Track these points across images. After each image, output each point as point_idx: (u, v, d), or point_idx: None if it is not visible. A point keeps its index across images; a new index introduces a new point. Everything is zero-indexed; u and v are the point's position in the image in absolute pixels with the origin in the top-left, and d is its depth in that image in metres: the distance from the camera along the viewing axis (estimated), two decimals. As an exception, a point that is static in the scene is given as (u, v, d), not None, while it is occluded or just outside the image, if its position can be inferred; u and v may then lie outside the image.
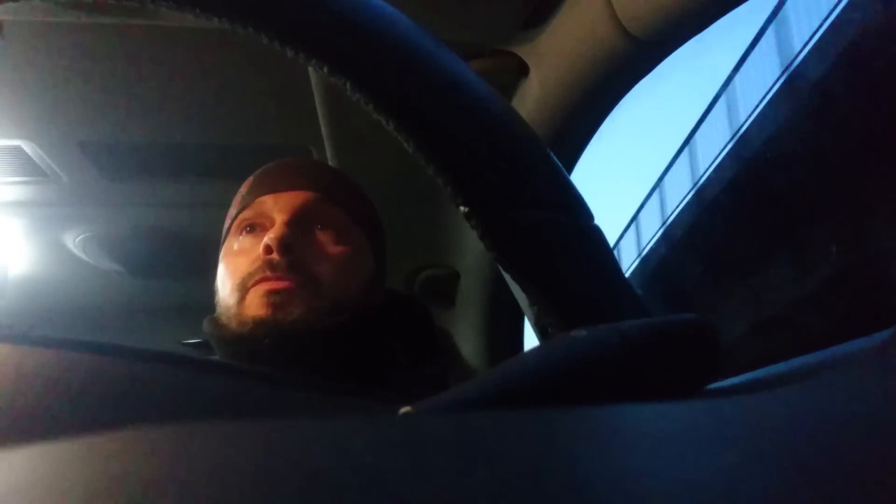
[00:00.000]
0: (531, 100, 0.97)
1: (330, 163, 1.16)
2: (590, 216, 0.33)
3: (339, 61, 0.29)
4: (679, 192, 7.51)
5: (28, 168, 1.19)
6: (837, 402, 0.19)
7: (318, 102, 1.03)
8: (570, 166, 1.06)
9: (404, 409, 0.21)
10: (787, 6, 5.79)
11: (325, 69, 0.29)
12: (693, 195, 6.94)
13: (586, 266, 0.31)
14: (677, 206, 7.39)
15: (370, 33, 0.30)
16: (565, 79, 0.91)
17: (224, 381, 0.25)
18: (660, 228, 7.98)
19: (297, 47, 0.29)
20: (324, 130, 1.10)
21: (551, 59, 0.92)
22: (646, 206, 8.76)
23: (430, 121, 0.30)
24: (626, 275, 0.37)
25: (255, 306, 0.67)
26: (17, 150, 1.14)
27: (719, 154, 6.37)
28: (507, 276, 0.30)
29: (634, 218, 9.07)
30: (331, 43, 0.29)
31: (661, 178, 8.40)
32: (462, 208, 0.29)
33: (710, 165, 6.55)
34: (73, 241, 1.41)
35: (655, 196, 8.48)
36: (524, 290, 0.29)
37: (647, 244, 8.26)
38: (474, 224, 0.29)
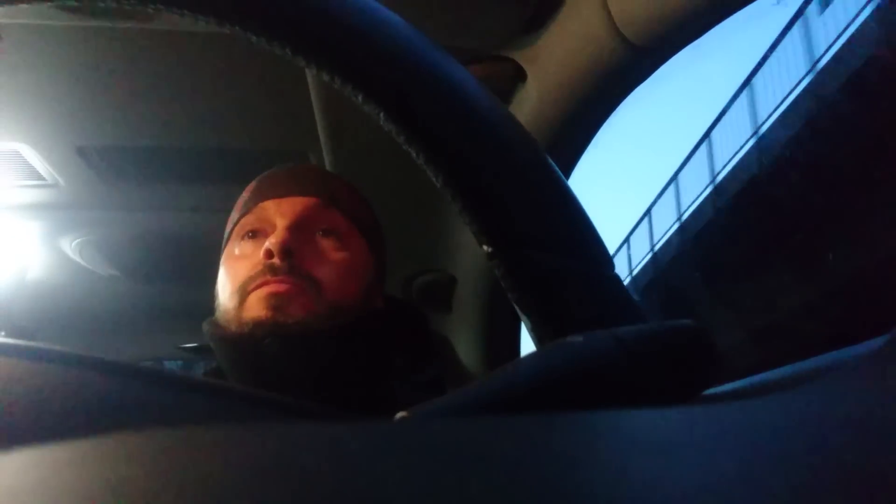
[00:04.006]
0: (528, 105, 0.97)
1: (327, 168, 1.16)
2: (611, 265, 0.33)
3: (358, 79, 0.29)
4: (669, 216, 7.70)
5: (26, 172, 1.19)
6: (833, 407, 0.19)
7: (316, 108, 1.03)
8: (567, 173, 1.06)
9: (400, 414, 0.21)
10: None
11: (342, 84, 0.29)
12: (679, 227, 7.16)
13: (605, 315, 0.31)
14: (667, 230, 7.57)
15: (399, 59, 0.30)
16: (563, 84, 0.91)
17: (197, 400, 0.25)
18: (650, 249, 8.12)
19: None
20: (321, 136, 1.10)
21: (549, 64, 0.92)
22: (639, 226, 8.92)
23: (461, 159, 0.30)
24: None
25: (256, 309, 0.67)
26: (15, 155, 1.14)
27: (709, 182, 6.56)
28: (523, 319, 0.30)
29: (626, 240, 9.21)
30: (353, 59, 0.29)
31: (651, 205, 8.57)
32: (485, 247, 0.29)
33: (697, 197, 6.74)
34: (70, 245, 1.41)
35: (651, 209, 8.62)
36: (540, 334, 0.29)
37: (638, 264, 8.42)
38: (496, 264, 0.29)
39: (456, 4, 0.87)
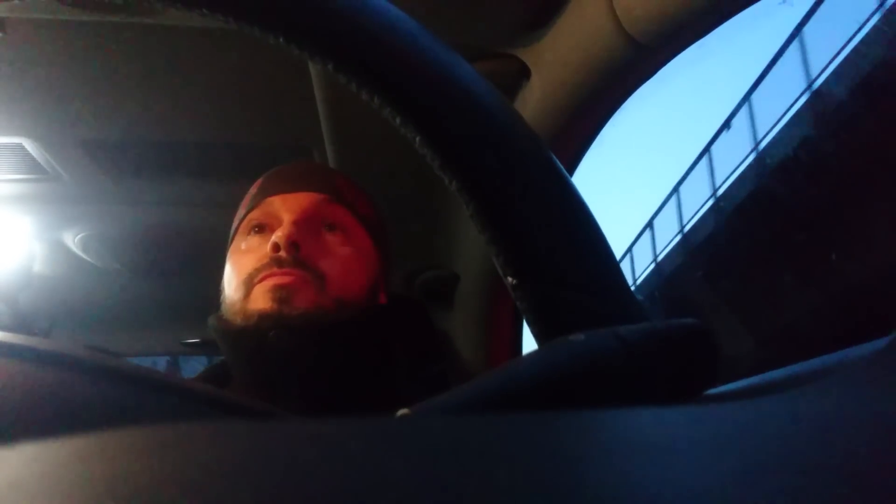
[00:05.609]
0: (532, 103, 0.97)
1: (330, 163, 1.17)
2: (640, 310, 0.32)
3: (396, 94, 0.28)
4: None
5: (29, 166, 1.19)
6: (835, 407, 0.19)
7: (320, 103, 1.03)
8: (570, 171, 1.06)
9: (401, 411, 0.21)
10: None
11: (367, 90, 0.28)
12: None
13: None
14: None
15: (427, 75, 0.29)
16: (567, 82, 0.91)
17: (169, 402, 0.25)
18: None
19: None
20: (325, 131, 1.10)
21: (553, 62, 0.92)
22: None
23: (495, 194, 0.29)
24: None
25: (261, 300, 0.68)
26: (19, 148, 1.14)
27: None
28: None
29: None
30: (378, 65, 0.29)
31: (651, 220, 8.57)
32: (510, 279, 0.29)
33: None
34: (73, 239, 1.42)
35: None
36: None
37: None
38: (519, 297, 0.29)
39: (461, 1, 0.87)
